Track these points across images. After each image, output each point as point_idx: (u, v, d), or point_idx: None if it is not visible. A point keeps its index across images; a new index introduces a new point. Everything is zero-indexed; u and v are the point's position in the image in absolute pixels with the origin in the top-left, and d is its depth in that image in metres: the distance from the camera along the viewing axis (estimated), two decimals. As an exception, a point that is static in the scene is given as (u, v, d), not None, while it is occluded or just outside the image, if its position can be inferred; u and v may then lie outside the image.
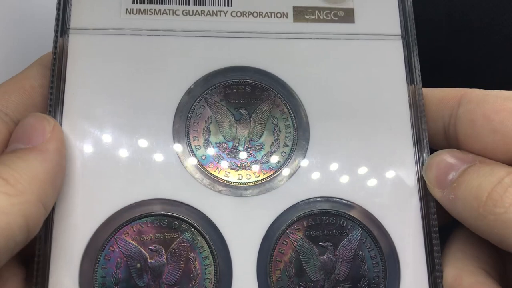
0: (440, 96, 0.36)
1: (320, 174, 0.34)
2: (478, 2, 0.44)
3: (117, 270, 0.32)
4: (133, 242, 0.32)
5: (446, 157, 0.33)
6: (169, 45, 0.36)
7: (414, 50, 0.37)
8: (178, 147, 0.34)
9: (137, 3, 0.36)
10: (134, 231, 0.33)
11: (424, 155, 0.35)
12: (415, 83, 0.36)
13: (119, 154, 0.34)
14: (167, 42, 0.36)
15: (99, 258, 0.32)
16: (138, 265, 0.32)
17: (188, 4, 0.36)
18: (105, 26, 0.36)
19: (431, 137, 0.36)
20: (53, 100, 0.34)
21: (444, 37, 0.36)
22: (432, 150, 0.35)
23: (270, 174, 0.34)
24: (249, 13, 0.37)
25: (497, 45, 0.43)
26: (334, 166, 0.35)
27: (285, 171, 0.34)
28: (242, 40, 0.36)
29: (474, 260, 0.32)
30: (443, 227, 0.34)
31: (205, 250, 0.33)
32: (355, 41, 0.37)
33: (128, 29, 0.36)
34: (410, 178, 0.35)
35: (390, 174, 0.35)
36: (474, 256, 0.32)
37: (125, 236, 0.32)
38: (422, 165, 0.34)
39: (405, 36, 0.37)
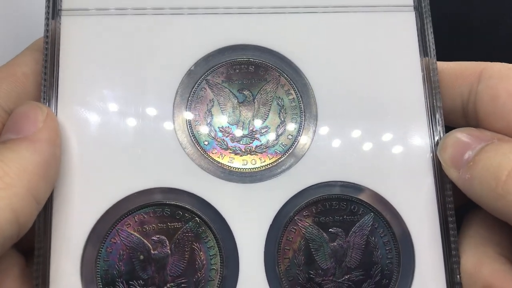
0: (457, 71, 0.34)
1: (329, 157, 0.33)
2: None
3: (120, 263, 0.31)
4: (135, 233, 0.31)
5: (462, 135, 0.31)
6: (167, 24, 0.34)
7: (427, 22, 0.34)
8: (179, 133, 0.33)
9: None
10: (136, 221, 0.31)
11: (439, 134, 0.33)
12: (429, 57, 0.34)
13: (118, 141, 0.32)
14: (165, 21, 0.34)
15: (101, 251, 0.31)
16: (141, 257, 0.31)
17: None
18: (99, 6, 0.34)
19: (449, 115, 0.34)
20: (46, 87, 0.32)
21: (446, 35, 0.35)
22: (449, 128, 0.33)
23: (276, 158, 0.33)
24: (251, -13, 0.35)
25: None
26: (343, 148, 0.33)
27: (292, 155, 0.33)
28: (243, 17, 0.34)
29: (495, 245, 0.31)
30: (456, 209, 0.32)
31: (210, 240, 0.31)
32: (364, 13, 0.35)
33: (121, 9, 0.34)
34: (424, 159, 0.33)
35: (403, 155, 0.33)
36: (494, 241, 0.31)
37: (127, 227, 0.31)
38: (437, 144, 0.33)
39: (417, 7, 0.35)
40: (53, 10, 0.33)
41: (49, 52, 0.32)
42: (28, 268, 0.31)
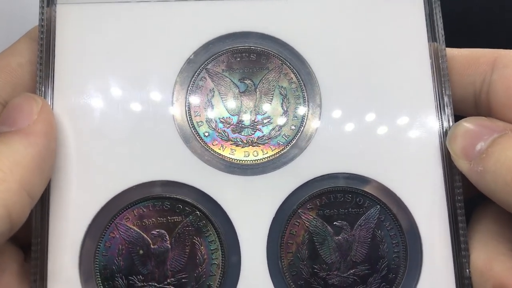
0: (469, 59, 0.32)
1: (333, 148, 0.32)
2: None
3: (119, 258, 0.30)
4: (134, 227, 0.30)
5: (473, 125, 0.30)
6: (165, 12, 0.33)
7: (436, 7, 0.33)
8: (179, 124, 0.32)
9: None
10: (135, 215, 0.31)
11: (448, 123, 0.32)
12: (438, 42, 0.33)
13: (116, 133, 0.31)
14: (163, 8, 0.33)
15: (99, 245, 0.30)
16: (141, 252, 0.30)
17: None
18: (95, -7, 0.33)
19: (459, 104, 0.33)
20: (42, 78, 0.31)
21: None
22: (459, 118, 0.32)
23: (279, 150, 0.32)
24: (252, -28, 0.33)
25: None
26: (349, 139, 0.32)
27: (295, 147, 0.32)
28: (244, 3, 0.33)
29: (507, 241, 0.29)
30: (466, 201, 0.31)
31: (211, 234, 0.31)
32: (370, -2, 0.33)
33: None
34: (432, 149, 0.32)
35: (410, 145, 0.32)
36: (506, 237, 0.30)
37: (126, 221, 0.30)
38: (446, 134, 0.31)
39: (426, -9, 0.33)
40: (48, -2, 0.32)
41: (44, 42, 0.32)
42: (27, 263, 0.30)
